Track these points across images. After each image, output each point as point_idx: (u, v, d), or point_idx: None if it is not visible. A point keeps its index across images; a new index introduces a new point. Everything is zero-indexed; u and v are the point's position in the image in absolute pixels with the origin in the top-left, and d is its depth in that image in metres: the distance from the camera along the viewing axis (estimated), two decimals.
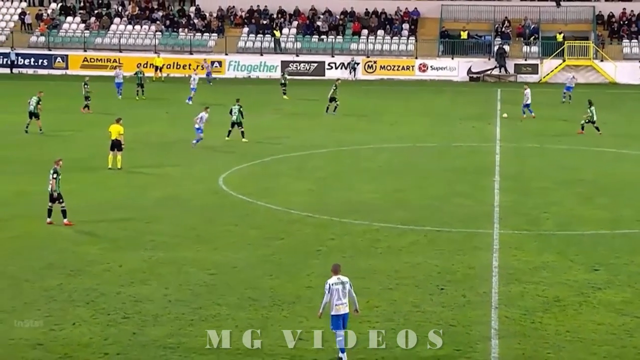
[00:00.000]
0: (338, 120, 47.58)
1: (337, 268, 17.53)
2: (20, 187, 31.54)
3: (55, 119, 46.10)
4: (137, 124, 45.67)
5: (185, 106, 52.22)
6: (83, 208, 28.66)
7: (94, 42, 69.63)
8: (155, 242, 25.21)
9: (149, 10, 72.50)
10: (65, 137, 41.72)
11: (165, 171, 34.96)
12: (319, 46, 69.42)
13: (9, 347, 17.81)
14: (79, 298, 20.46)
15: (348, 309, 17.27)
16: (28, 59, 67.79)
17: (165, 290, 21.17)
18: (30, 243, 24.93)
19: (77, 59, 67.59)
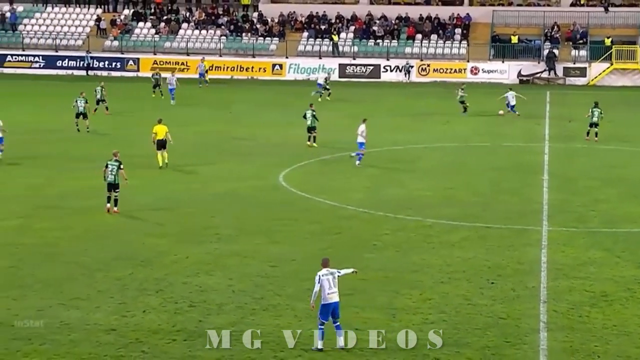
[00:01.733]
0: (393, 121, 47.38)
1: (326, 262, 17.67)
2: (93, 181, 31.89)
3: (124, 118, 46.71)
4: (199, 123, 46.07)
5: (248, 106, 52.44)
6: (152, 202, 28.98)
7: (163, 46, 70.23)
8: (220, 235, 25.36)
9: (215, 15, 72.91)
10: (133, 136, 42.10)
11: (228, 168, 35.12)
12: (375, 50, 69.21)
13: (85, 331, 18.06)
14: (149, 287, 20.67)
15: (338, 297, 17.29)
16: (102, 61, 68.64)
17: (229, 281, 21.29)
18: (102, 235, 25.24)
19: (148, 61, 68.22)
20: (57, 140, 40.28)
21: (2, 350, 17.06)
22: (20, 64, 68.46)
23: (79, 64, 68.54)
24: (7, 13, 72.59)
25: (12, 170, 33.72)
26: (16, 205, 28.29)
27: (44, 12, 74.25)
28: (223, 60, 68.43)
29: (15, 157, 35.74)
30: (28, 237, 24.79)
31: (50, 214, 27.39)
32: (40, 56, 68.86)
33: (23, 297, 19.84)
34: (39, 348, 17.20)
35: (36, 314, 18.80)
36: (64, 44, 70.72)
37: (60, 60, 69.00)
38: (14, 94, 50.48)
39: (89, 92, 45.34)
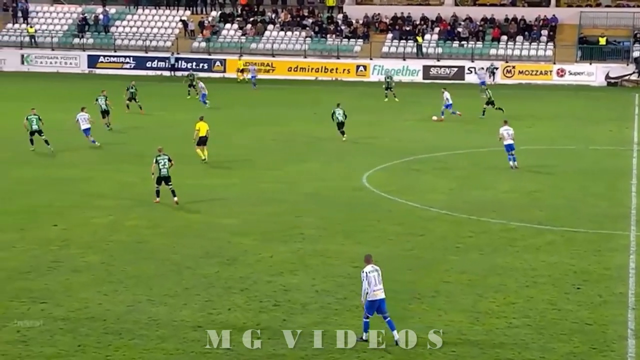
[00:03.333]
0: (477, 122, 46.91)
1: (369, 258, 17.80)
2: (183, 180, 32.40)
3: (214, 117, 47.21)
4: (284, 123, 46.36)
5: (324, 107, 52.52)
6: (238, 201, 29.30)
7: (250, 47, 70.92)
8: (304, 235, 25.48)
9: (300, 17, 73.31)
10: (224, 135, 42.62)
11: (313, 168, 35.27)
12: (459, 51, 68.64)
13: (173, 327, 18.36)
14: (234, 285, 20.90)
15: (383, 294, 17.42)
16: (190, 62, 69.68)
17: (312, 281, 21.38)
18: (190, 233, 25.60)
19: (234, 63, 68.98)
20: (150, 139, 40.95)
21: (94, 343, 17.47)
22: (112, 65, 69.98)
23: (167, 65, 69.70)
24: (100, 15, 74.27)
25: (106, 167, 34.46)
26: (108, 203, 28.91)
27: (134, 14, 75.75)
28: (307, 62, 68.78)
29: (109, 155, 36.52)
30: (119, 234, 25.32)
31: (141, 211, 27.91)
32: (131, 57, 70.32)
33: (114, 293, 20.28)
34: (128, 343, 17.56)
35: (126, 309, 19.20)
36: (154, 45, 72.03)
37: (150, 61, 70.30)
38: None
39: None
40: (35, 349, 17.14)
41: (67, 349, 17.20)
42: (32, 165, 34.87)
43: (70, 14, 76.31)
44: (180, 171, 33.90)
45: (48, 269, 21.94)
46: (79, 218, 26.86)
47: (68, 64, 70.85)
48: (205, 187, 31.35)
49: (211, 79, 65.62)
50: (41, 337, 17.67)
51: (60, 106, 49.88)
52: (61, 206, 28.30)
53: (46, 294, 20.05)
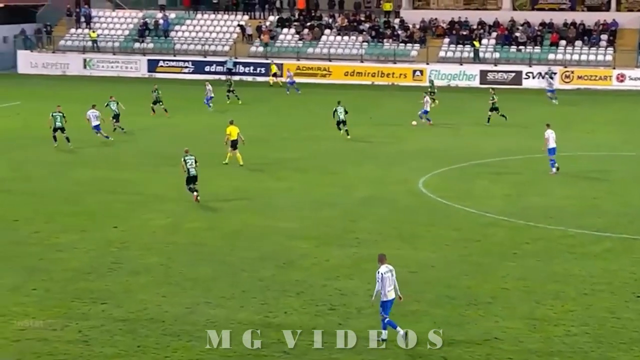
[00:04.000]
0: (534, 128, 46.35)
1: (383, 258, 18.04)
2: (240, 182, 32.63)
3: (271, 121, 47.48)
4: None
5: (389, 111, 52.46)
6: (294, 205, 29.36)
7: (306, 51, 71.10)
8: (360, 239, 25.45)
9: (357, 22, 73.28)
10: (277, 140, 42.81)
11: (369, 172, 35.20)
12: (517, 56, 67.97)
13: (230, 329, 18.43)
14: (290, 288, 20.95)
15: (394, 294, 17.78)
16: (248, 67, 70.12)
17: (368, 285, 21.26)
18: (247, 236, 25.73)
19: (291, 67, 69.15)
20: (207, 142, 41.27)
21: (153, 344, 17.65)
22: (171, 69, 70.70)
23: (224, 70, 70.20)
24: (160, 20, 75.12)
25: (163, 170, 34.80)
26: (166, 205, 29.20)
27: (194, 19, 76.45)
28: (364, 67, 68.73)
29: (164, 158, 36.89)
30: (178, 236, 25.55)
31: (198, 213, 28.13)
32: (190, 61, 70.96)
33: (172, 294, 20.47)
34: (186, 344, 17.71)
35: (184, 311, 19.36)
36: (212, 49, 72.61)
37: (208, 66, 70.87)
38: (166, 98, 52.10)
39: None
40: (96, 349, 17.38)
41: (127, 349, 17.41)
42: (91, 166, 35.37)
43: (131, 19, 77.30)
44: (236, 174, 34.22)
45: (108, 270, 22.24)
46: (137, 220, 27.17)
47: (128, 68, 71.76)
48: (262, 191, 31.49)
49: (269, 83, 65.93)
50: (102, 337, 17.91)
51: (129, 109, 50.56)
52: (120, 208, 28.65)
53: (106, 294, 20.33)
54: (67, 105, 50.44)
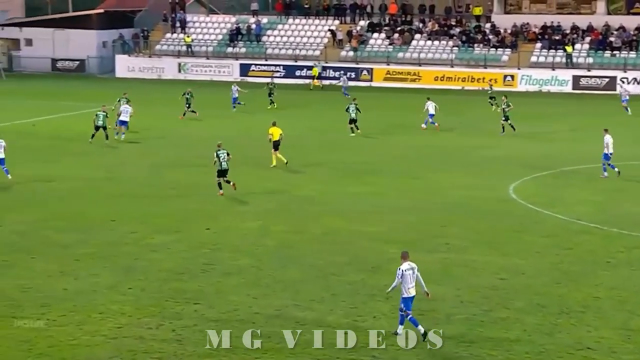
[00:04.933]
0: (630, 134, 45.25)
1: (406, 255, 18.27)
2: (325, 186, 32.74)
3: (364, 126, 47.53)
4: (430, 132, 46.06)
5: (478, 116, 51.92)
6: (382, 209, 29.32)
7: (396, 56, 70.91)
8: (449, 245, 25.24)
9: (447, 26, 72.77)
10: (365, 143, 42.78)
11: (457, 178, 34.88)
12: (611, 61, 66.46)
13: (320, 331, 18.48)
14: (379, 293, 20.87)
15: (415, 291, 17.98)
16: (338, 71, 70.28)
17: (457, 291, 21.15)
18: (335, 239, 25.77)
19: (381, 72, 69.18)
20: (295, 146, 41.56)
21: (244, 345, 17.80)
22: (263, 73, 71.36)
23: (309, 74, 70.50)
24: (253, 25, 75.94)
25: (252, 173, 35.15)
26: (256, 208, 29.47)
27: (285, 24, 77.05)
28: (454, 71, 68.19)
29: (254, 161, 37.30)
30: (267, 238, 25.76)
31: (287, 217, 28.31)
32: (281, 66, 71.54)
33: (263, 296, 20.65)
34: (275, 346, 17.83)
35: (274, 313, 19.50)
36: (303, 54, 73.06)
37: (299, 70, 71.33)
38: (258, 102, 52.75)
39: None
40: (189, 348, 17.65)
41: (219, 349, 17.61)
42: (184, 169, 35.91)
43: (224, 24, 78.37)
44: (322, 178, 34.32)
45: (201, 271, 22.56)
46: (229, 222, 27.49)
47: (221, 72, 72.74)
48: (350, 195, 31.53)
49: (358, 87, 66.00)
50: (194, 337, 18.16)
51: (215, 112, 51.35)
52: (212, 210, 29.04)
53: (199, 295, 20.62)
54: (161, 109, 51.53)
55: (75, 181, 33.34)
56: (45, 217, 27.62)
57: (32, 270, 22.40)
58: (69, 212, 28.49)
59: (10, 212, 28.28)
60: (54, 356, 17.21)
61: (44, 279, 21.64)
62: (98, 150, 40.17)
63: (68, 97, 49.37)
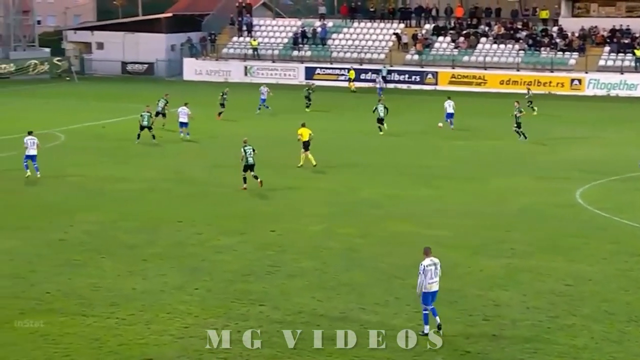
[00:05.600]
0: None
1: (428, 250, 18.57)
2: (390, 189, 32.64)
3: (416, 128, 47.27)
4: (494, 136, 45.60)
5: (544, 120, 51.26)
6: (446, 213, 29.11)
7: (462, 60, 70.44)
8: (515, 250, 24.95)
9: (514, 30, 72.03)
10: (430, 147, 42.55)
11: (522, 182, 34.46)
12: None
13: (384, 334, 18.44)
14: (444, 297, 20.60)
15: (438, 286, 18.32)
16: (403, 75, 70.13)
17: (522, 297, 20.89)
18: (399, 243, 25.66)
19: (446, 75, 68.76)
20: (359, 148, 41.56)
21: (308, 347, 17.81)
22: (328, 77, 71.54)
23: (379, 77, 70.31)
24: (319, 28, 76.17)
25: (315, 177, 35.23)
26: (320, 210, 29.51)
27: (350, 27, 77.10)
28: (520, 75, 67.47)
29: (322, 163, 37.40)
30: (332, 241, 25.77)
31: (351, 220, 28.28)
32: (346, 69, 71.59)
33: (328, 299, 20.66)
34: (340, 349, 17.81)
35: (339, 315, 19.49)
36: (368, 57, 73.00)
37: (364, 73, 71.29)
38: (323, 106, 52.90)
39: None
40: (254, 350, 17.73)
41: (283, 351, 17.68)
42: None
43: (290, 27, 78.75)
44: (388, 181, 34.22)
45: (266, 272, 22.66)
46: (293, 224, 27.57)
47: (287, 75, 73.10)
48: (413, 198, 31.40)
49: (423, 91, 65.76)
50: (260, 338, 18.19)
51: (280, 117, 51.63)
52: (277, 212, 29.15)
53: (264, 296, 20.72)
54: (228, 112, 51.95)
55: (143, 182, 33.82)
56: (114, 218, 28.05)
57: (102, 269, 22.78)
58: (136, 212, 28.91)
59: (81, 212, 28.79)
60: (123, 354, 17.46)
61: (113, 278, 21.98)
62: (165, 152, 40.67)
63: (137, 99, 50.11)
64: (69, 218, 27.87)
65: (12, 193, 31.68)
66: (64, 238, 25.69)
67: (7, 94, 64.23)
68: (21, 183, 33.26)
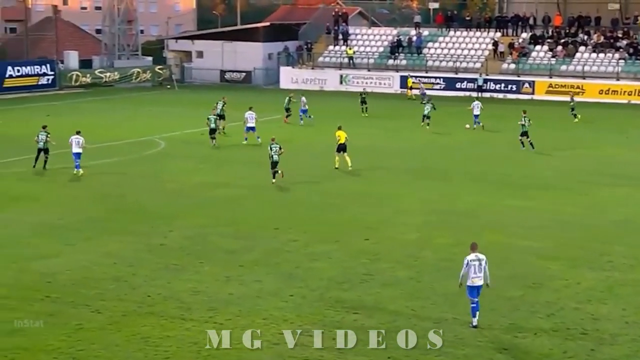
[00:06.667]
0: None
1: (474, 246, 19.34)
2: (485, 198, 32.20)
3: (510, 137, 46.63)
4: (595, 146, 44.57)
5: (637, 131, 49.97)
6: (542, 224, 28.57)
7: (559, 69, 69.12)
8: (613, 263, 24.32)
9: (614, 38, 70.33)
10: (520, 156, 41.85)
11: (623, 194, 33.56)
12: None
13: (478, 347, 18.24)
14: (540, 310, 20.36)
15: (482, 281, 19.03)
16: (499, 84, 69.22)
17: (622, 312, 20.35)
18: (494, 254, 25.10)
19: (543, 85, 67.56)
20: (454, 158, 41.16)
21: (402, 357, 17.72)
22: (424, 86, 71.13)
23: (474, 86, 69.70)
24: (414, 37, 75.89)
25: (411, 184, 35.05)
26: (415, 219, 29.34)
27: (446, 36, 76.57)
28: (620, 85, 65.83)
29: (409, 171, 37.19)
30: (427, 250, 25.57)
31: (446, 229, 28.01)
32: (441, 78, 71.13)
33: (421, 308, 20.52)
34: (435, 359, 17.67)
35: (432, 325, 19.31)
36: (463, 66, 72.36)
37: (459, 82, 70.68)
38: (414, 113, 52.55)
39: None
40: (349, 357, 17.71)
41: (377, 359, 17.59)
42: (340, 179, 36.09)
43: (385, 36, 78.69)
44: (482, 190, 33.77)
45: (361, 280, 22.64)
46: (388, 233, 27.48)
47: (382, 84, 73.00)
48: (509, 208, 30.91)
49: (519, 100, 64.77)
50: (356, 348, 18.18)
51: (378, 123, 51.61)
52: (371, 220, 29.10)
53: (358, 304, 20.70)
54: (320, 121, 52.20)
55: (240, 188, 34.22)
56: (212, 223, 28.46)
57: (200, 274, 23.13)
58: (234, 218, 29.27)
59: (180, 217, 29.31)
60: (221, 359, 17.68)
61: (211, 283, 22.30)
62: (260, 159, 40.99)
63: (235, 107, 50.76)
64: (169, 223, 28.42)
65: (116, 198, 32.48)
66: (164, 243, 26.20)
67: (111, 101, 65.98)
68: (125, 188, 34.07)
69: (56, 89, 71.77)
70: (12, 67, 70.31)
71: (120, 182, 35.29)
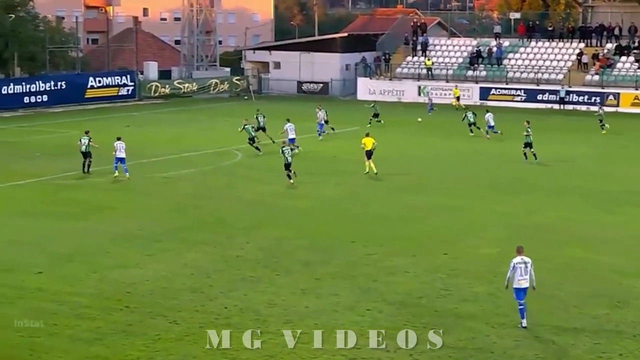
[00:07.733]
0: None
1: (520, 249, 19.93)
2: (568, 213, 31.67)
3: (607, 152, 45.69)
4: None
5: None
6: (629, 241, 27.97)
7: None
8: None
9: None
10: (618, 171, 41.03)
11: None
12: None
13: None
14: (626, 330, 19.90)
15: (528, 284, 19.52)
16: (581, 96, 68.07)
17: None
18: (577, 270, 24.86)
19: (628, 97, 66.22)
20: (537, 172, 40.61)
21: None
22: (503, 97, 70.44)
23: (556, 98, 68.69)
24: (494, 48, 75.19)
25: (488, 197, 34.67)
26: (493, 233, 28.98)
27: (527, 47, 75.66)
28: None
29: (488, 185, 36.75)
30: (506, 266, 24.95)
31: (527, 245, 27.17)
32: (522, 89, 70.27)
33: (501, 325, 20.06)
34: None
35: (513, 343, 18.99)
36: (545, 77, 71.38)
37: (541, 94, 69.74)
38: (499, 126, 52.02)
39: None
40: None
41: None
42: (423, 192, 35.95)
43: (465, 47, 78.16)
44: (565, 205, 33.21)
45: (438, 296, 22.48)
46: (466, 248, 27.22)
47: (461, 96, 72.43)
48: (593, 223, 30.34)
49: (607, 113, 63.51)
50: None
51: (451, 137, 51.14)
52: (449, 234, 28.88)
53: (436, 320, 20.53)
54: (396, 134, 52.02)
55: (317, 200, 34.33)
56: (288, 235, 28.60)
57: (276, 286, 23.25)
58: (310, 230, 29.37)
59: (257, 229, 29.55)
60: None
61: (287, 296, 22.39)
62: (343, 171, 41.05)
63: (312, 119, 51.06)
64: (246, 234, 28.67)
65: (193, 208, 32.91)
66: (241, 254, 26.43)
67: (189, 112, 66.98)
68: (202, 199, 34.50)
69: (136, 99, 73.24)
70: (94, 78, 71.97)
71: (197, 192, 35.77)
